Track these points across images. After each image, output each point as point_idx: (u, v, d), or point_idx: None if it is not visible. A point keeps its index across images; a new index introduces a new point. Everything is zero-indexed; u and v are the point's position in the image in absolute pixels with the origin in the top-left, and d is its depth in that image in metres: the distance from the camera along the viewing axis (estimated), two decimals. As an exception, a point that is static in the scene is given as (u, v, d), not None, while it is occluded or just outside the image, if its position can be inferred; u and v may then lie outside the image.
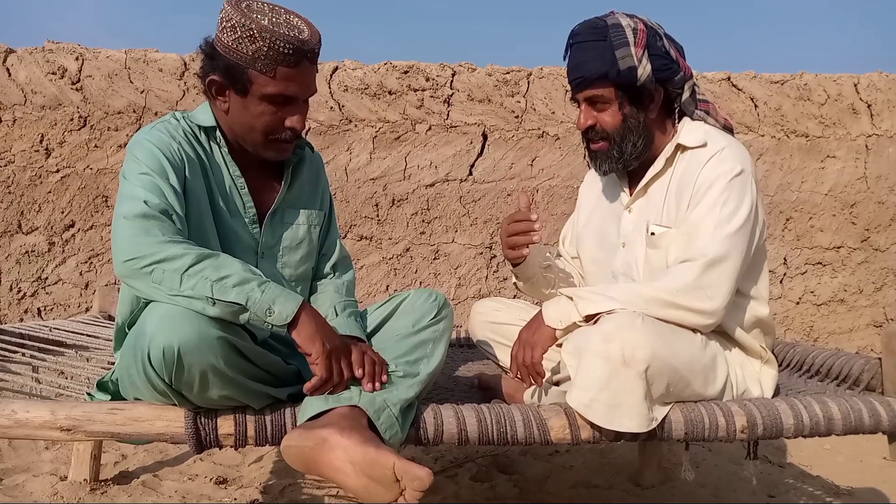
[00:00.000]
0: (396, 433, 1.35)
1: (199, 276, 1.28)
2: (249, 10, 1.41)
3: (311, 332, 1.35)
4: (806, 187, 3.68)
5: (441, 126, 3.54)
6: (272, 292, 1.32)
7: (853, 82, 3.70)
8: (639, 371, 1.38)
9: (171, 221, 1.35)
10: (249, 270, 1.33)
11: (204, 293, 1.26)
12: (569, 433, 1.44)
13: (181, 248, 1.30)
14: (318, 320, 1.39)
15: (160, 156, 1.42)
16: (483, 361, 2.15)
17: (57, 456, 2.53)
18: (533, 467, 2.53)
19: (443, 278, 3.56)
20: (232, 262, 1.33)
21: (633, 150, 1.67)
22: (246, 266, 1.34)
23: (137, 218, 1.33)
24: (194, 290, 1.27)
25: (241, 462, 2.54)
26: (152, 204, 1.35)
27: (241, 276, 1.30)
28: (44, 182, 3.33)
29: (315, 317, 1.38)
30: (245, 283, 1.30)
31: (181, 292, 1.27)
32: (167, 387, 1.29)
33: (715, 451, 2.74)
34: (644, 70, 1.59)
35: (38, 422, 1.36)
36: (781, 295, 3.70)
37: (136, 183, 1.39)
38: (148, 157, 1.42)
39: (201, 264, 1.29)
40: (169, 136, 1.47)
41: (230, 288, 1.28)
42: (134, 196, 1.36)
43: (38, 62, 3.33)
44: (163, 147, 1.44)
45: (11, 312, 3.32)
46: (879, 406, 1.55)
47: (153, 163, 1.41)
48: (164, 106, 3.39)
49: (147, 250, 1.30)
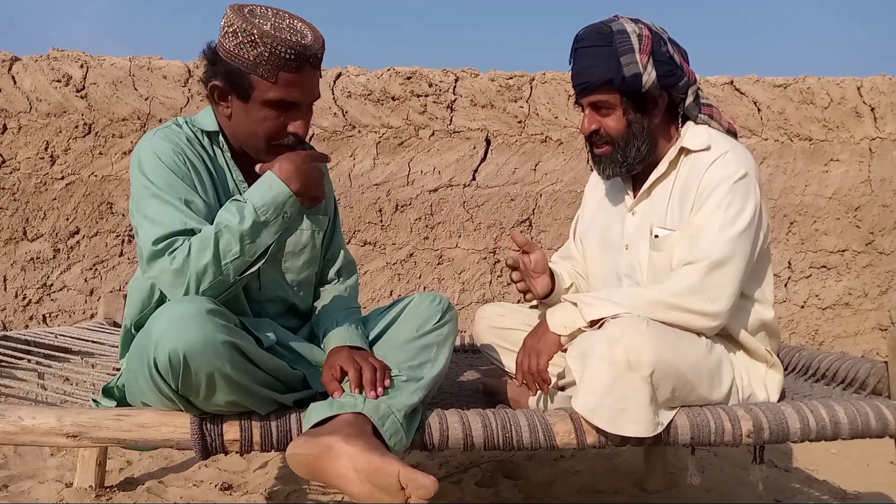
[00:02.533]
0: (401, 440, 1.35)
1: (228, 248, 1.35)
2: (252, 15, 1.41)
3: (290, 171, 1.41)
4: (810, 191, 3.67)
5: (444, 131, 3.54)
6: (251, 201, 1.38)
7: (856, 86, 3.69)
8: (644, 375, 1.38)
9: (186, 236, 1.38)
10: (226, 210, 1.40)
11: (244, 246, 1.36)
12: (574, 438, 1.44)
13: (195, 251, 1.35)
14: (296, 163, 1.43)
15: (166, 172, 1.44)
16: (488, 366, 2.15)
17: (62, 462, 2.53)
18: (538, 472, 2.53)
19: (446, 283, 3.56)
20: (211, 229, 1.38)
21: (637, 155, 1.67)
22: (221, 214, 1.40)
23: (160, 261, 1.37)
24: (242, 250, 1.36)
25: (245, 468, 2.54)
26: (168, 233, 1.38)
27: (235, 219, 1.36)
28: (49, 189, 3.35)
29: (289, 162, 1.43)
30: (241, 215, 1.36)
31: (232, 264, 1.36)
32: (173, 392, 1.29)
33: (721, 455, 2.73)
34: (649, 77, 1.59)
35: (44, 428, 1.36)
36: (786, 298, 3.69)
37: (148, 211, 1.41)
38: (158, 175, 1.43)
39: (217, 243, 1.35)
40: (173, 145, 1.48)
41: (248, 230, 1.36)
42: (148, 238, 1.39)
43: (43, 70, 3.35)
44: (167, 160, 1.45)
45: (17, 319, 3.33)
46: (886, 410, 1.54)
47: (163, 180, 1.43)
48: (168, 113, 3.40)
49: (184, 275, 1.35)
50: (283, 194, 1.39)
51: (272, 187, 1.39)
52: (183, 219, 1.39)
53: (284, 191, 1.39)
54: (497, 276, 3.57)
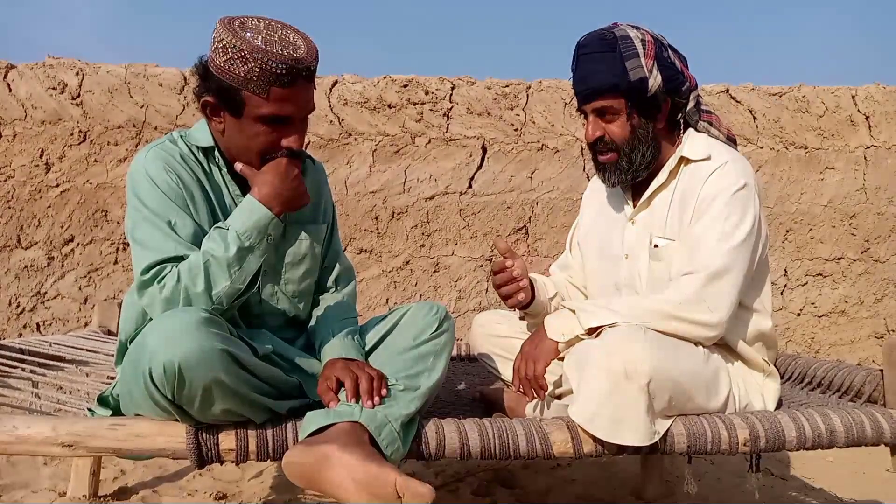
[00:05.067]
0: (398, 448, 1.34)
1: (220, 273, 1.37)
2: (242, 29, 1.39)
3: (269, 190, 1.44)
4: (805, 199, 3.69)
5: (440, 139, 3.55)
6: (233, 227, 1.40)
7: (851, 94, 3.71)
8: (641, 385, 1.38)
9: (174, 263, 1.39)
10: (210, 239, 1.41)
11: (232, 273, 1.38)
12: (571, 447, 1.43)
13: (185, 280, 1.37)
14: (275, 181, 1.44)
15: (158, 194, 1.44)
16: (484, 375, 2.14)
17: (56, 472, 2.51)
18: (535, 481, 2.52)
19: (443, 291, 3.56)
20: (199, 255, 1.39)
21: (643, 161, 1.66)
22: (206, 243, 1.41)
23: (150, 290, 1.38)
24: (231, 279, 1.38)
25: (240, 477, 2.52)
26: (157, 261, 1.39)
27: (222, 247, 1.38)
28: (43, 197, 3.34)
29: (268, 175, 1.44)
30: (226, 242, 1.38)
31: (223, 288, 1.37)
32: (169, 402, 1.28)
33: (717, 464, 2.73)
34: (655, 81, 1.59)
35: (39, 438, 1.35)
36: (782, 307, 3.70)
37: (138, 234, 1.43)
38: (150, 197, 1.44)
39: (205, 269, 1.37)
40: (166, 164, 1.47)
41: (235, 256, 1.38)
42: (137, 266, 1.41)
43: (39, 77, 3.34)
44: (160, 182, 1.45)
45: (10, 327, 3.31)
46: (882, 418, 1.54)
47: (155, 203, 1.44)
48: (163, 120, 3.39)
49: (175, 304, 1.36)
50: (264, 218, 1.41)
51: (253, 212, 1.41)
52: (172, 245, 1.40)
53: (266, 214, 1.41)
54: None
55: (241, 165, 1.47)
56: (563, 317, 1.60)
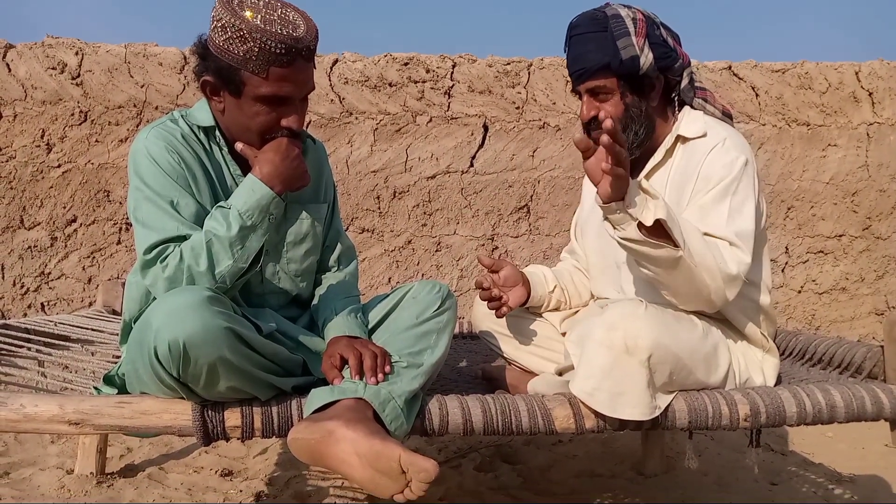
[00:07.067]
0: (402, 425, 1.35)
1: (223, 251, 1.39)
2: (241, 8, 1.38)
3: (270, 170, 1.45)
4: (807, 176, 3.68)
5: (442, 118, 3.53)
6: (235, 204, 1.42)
7: (854, 70, 3.69)
8: (641, 359, 1.39)
9: (177, 243, 1.40)
10: (211, 218, 1.42)
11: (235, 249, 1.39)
12: (573, 422, 1.45)
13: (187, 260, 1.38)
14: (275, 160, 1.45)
15: (159, 173, 1.44)
16: (486, 352, 2.16)
17: (63, 450, 2.54)
18: (536, 457, 2.54)
19: (445, 270, 3.56)
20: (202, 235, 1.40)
21: (636, 139, 1.67)
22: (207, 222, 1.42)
23: (153, 269, 1.39)
24: (234, 256, 1.39)
25: (245, 454, 2.55)
26: (160, 240, 1.39)
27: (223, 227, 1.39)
28: (45, 177, 3.34)
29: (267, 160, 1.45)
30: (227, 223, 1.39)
31: (226, 267, 1.39)
32: (174, 380, 1.29)
33: (718, 439, 2.75)
34: (646, 59, 1.59)
35: (46, 416, 1.36)
36: (783, 284, 3.70)
37: (140, 214, 1.43)
38: (151, 177, 1.44)
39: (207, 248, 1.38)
40: (167, 144, 1.47)
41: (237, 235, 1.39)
42: (140, 246, 1.41)
43: (38, 57, 3.33)
44: (162, 161, 1.45)
45: (15, 307, 3.33)
46: (882, 393, 1.55)
47: (157, 183, 1.44)
48: (164, 100, 3.38)
49: (178, 283, 1.37)
50: (266, 196, 1.42)
51: (255, 191, 1.42)
52: (174, 224, 1.41)
53: (268, 193, 1.42)
54: (495, 262, 3.58)
55: (242, 145, 1.48)
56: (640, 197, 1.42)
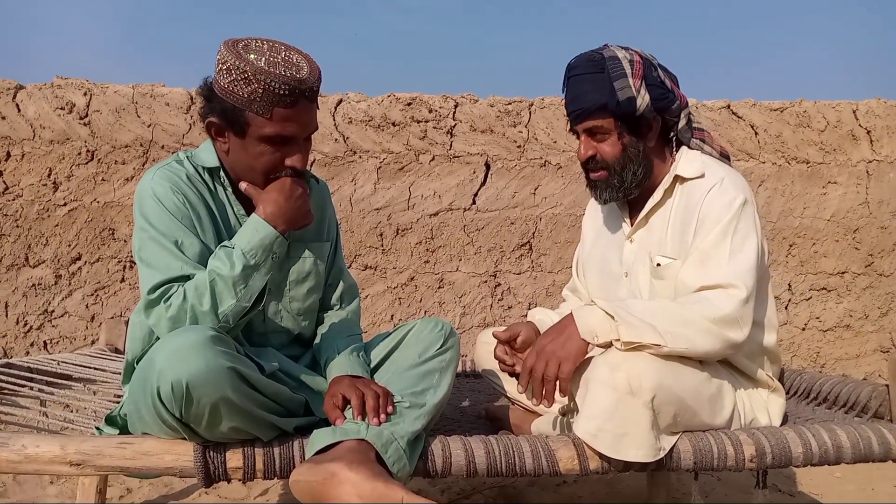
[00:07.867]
0: (404, 466, 1.35)
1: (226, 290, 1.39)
2: (246, 51, 1.41)
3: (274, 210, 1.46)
4: (808, 213, 3.69)
5: (444, 156, 3.57)
6: (239, 245, 1.43)
7: (852, 109, 3.73)
8: (645, 400, 1.38)
9: (181, 283, 1.41)
10: (215, 258, 1.43)
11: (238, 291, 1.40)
12: (577, 464, 1.43)
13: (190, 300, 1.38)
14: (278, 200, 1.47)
15: (164, 213, 1.46)
16: (489, 391, 2.15)
17: (62, 490, 2.51)
18: (541, 498, 2.51)
19: (447, 307, 3.56)
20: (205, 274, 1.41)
21: (634, 179, 1.68)
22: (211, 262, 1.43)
23: (156, 309, 1.39)
24: (237, 296, 1.40)
25: (246, 495, 2.52)
26: (163, 280, 1.41)
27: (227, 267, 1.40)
28: (51, 215, 3.36)
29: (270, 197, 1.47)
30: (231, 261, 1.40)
31: (229, 306, 1.39)
32: (177, 420, 1.29)
33: (724, 480, 2.71)
34: (643, 100, 1.61)
35: (47, 457, 1.36)
36: (787, 321, 3.69)
37: (144, 254, 1.45)
38: (156, 217, 1.46)
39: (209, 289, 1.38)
40: (172, 185, 1.49)
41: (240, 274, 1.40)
42: (144, 286, 1.43)
43: (47, 97, 3.38)
44: (167, 202, 1.47)
45: (18, 345, 3.33)
46: (888, 434, 1.54)
47: (161, 223, 1.46)
48: (170, 139, 3.42)
49: (182, 323, 1.38)
50: (269, 236, 1.43)
51: (258, 230, 1.43)
52: (178, 264, 1.42)
53: (271, 232, 1.43)
54: (498, 299, 3.58)
55: (246, 185, 1.50)
56: (598, 318, 1.49)
